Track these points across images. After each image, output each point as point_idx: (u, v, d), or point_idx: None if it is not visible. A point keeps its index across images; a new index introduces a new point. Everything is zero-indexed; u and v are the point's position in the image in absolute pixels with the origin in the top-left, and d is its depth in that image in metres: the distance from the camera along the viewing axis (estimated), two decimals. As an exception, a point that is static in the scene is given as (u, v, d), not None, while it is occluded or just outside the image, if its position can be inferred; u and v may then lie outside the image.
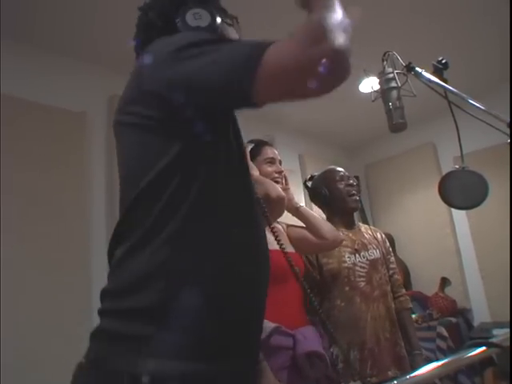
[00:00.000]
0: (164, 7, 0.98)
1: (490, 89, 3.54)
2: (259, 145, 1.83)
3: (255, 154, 1.79)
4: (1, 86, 2.23)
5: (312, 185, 2.21)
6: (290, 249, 1.76)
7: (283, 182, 1.81)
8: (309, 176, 2.27)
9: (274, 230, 1.37)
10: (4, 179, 2.15)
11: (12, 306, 2.03)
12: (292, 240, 1.81)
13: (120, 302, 0.78)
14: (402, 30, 2.95)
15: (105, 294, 0.81)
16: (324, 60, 0.67)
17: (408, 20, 2.87)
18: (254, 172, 1.62)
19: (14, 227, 2.17)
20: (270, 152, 1.82)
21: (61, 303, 2.14)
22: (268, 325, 1.49)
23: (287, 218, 1.87)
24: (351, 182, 2.13)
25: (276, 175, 1.77)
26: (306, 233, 1.82)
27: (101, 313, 0.80)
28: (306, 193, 2.29)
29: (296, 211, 1.84)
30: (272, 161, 1.80)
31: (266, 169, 1.76)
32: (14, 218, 2.17)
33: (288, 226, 1.89)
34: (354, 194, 2.11)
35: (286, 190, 1.80)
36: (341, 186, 2.11)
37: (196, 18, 0.93)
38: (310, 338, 1.55)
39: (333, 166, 2.23)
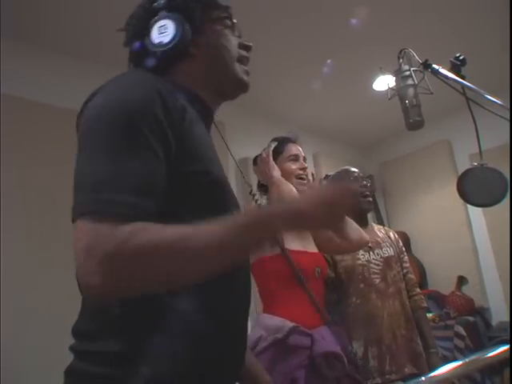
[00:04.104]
0: (141, 18, 0.94)
1: (505, 85, 3.49)
2: (283, 142, 1.82)
3: (279, 151, 1.78)
4: (2, 85, 2.24)
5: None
6: (312, 248, 1.75)
7: (309, 178, 1.80)
8: (324, 175, 2.27)
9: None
10: (6, 179, 2.16)
11: (13, 304, 2.03)
12: (315, 239, 1.80)
13: (91, 344, 0.75)
14: (415, 28, 2.92)
15: (76, 332, 0.79)
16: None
17: (421, 18, 2.84)
18: (276, 173, 1.62)
19: (16, 225, 2.18)
20: (293, 149, 1.81)
21: (63, 301, 2.09)
22: (286, 324, 1.50)
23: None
24: (365, 183, 2.13)
25: (300, 172, 1.76)
26: (331, 233, 1.81)
27: (72, 349, 0.77)
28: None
29: None
30: (296, 158, 1.79)
31: (290, 166, 1.75)
32: (15, 215, 2.18)
33: None
34: (367, 196, 2.12)
35: (312, 187, 1.79)
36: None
37: (161, 31, 0.89)
38: (328, 338, 1.55)
39: (347, 167, 2.24)
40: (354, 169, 2.23)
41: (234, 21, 1.03)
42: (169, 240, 0.64)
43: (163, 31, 0.90)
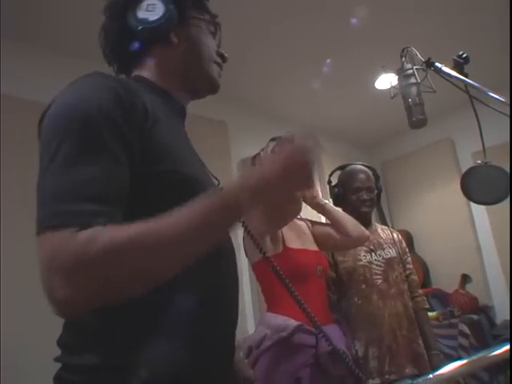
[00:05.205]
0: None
1: (505, 84, 3.49)
2: None
3: None
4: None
5: (334, 183, 2.23)
6: (312, 246, 1.76)
7: None
8: (336, 167, 2.30)
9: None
10: (6, 179, 2.15)
11: (13, 304, 2.02)
12: (316, 238, 1.81)
13: (71, 358, 0.75)
14: (418, 27, 2.92)
15: (59, 344, 0.78)
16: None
17: (424, 16, 2.84)
18: None
19: (16, 225, 2.11)
20: None
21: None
22: (290, 323, 1.50)
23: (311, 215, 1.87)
24: (365, 197, 2.13)
25: None
26: (331, 230, 1.82)
27: (58, 361, 0.77)
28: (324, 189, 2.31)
29: (322, 208, 1.84)
30: None
31: None
32: (15, 215, 2.13)
33: (313, 223, 1.89)
34: (365, 200, 2.12)
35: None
36: (354, 196, 2.12)
37: (148, 9, 0.88)
38: (333, 337, 1.55)
39: (354, 168, 2.22)
40: (360, 166, 2.23)
41: (218, 30, 1.03)
42: (132, 236, 0.61)
43: (151, 9, 0.89)
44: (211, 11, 1.01)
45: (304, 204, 1.73)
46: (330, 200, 2.19)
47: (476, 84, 1.19)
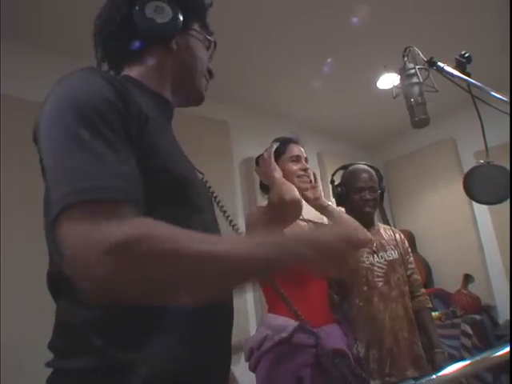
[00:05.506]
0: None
1: (505, 82, 3.47)
2: (284, 143, 1.83)
3: (280, 152, 1.78)
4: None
5: (337, 182, 2.22)
6: None
7: (311, 179, 1.80)
8: (338, 168, 2.28)
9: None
10: (6, 179, 2.15)
11: (13, 304, 2.02)
12: None
13: (62, 362, 0.75)
14: (419, 27, 2.91)
15: (50, 348, 0.78)
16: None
17: (425, 16, 2.83)
18: (277, 174, 1.62)
19: (16, 225, 2.16)
20: (295, 150, 1.81)
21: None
22: (291, 323, 1.50)
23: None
24: (368, 197, 2.12)
25: (301, 172, 1.76)
26: None
27: (49, 366, 0.77)
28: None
29: (324, 210, 1.83)
30: (297, 159, 1.79)
31: (291, 167, 1.76)
32: (16, 215, 2.16)
33: (315, 224, 1.88)
34: (368, 200, 2.11)
35: (314, 187, 1.80)
36: (356, 196, 2.11)
37: (157, 11, 0.88)
38: (333, 336, 1.55)
39: (357, 168, 2.21)
40: (363, 166, 2.22)
41: (213, 47, 1.05)
42: (193, 246, 0.61)
43: (159, 12, 0.89)
44: (210, 28, 1.03)
45: (306, 205, 1.72)
46: (333, 200, 2.18)
47: (478, 83, 1.18)
